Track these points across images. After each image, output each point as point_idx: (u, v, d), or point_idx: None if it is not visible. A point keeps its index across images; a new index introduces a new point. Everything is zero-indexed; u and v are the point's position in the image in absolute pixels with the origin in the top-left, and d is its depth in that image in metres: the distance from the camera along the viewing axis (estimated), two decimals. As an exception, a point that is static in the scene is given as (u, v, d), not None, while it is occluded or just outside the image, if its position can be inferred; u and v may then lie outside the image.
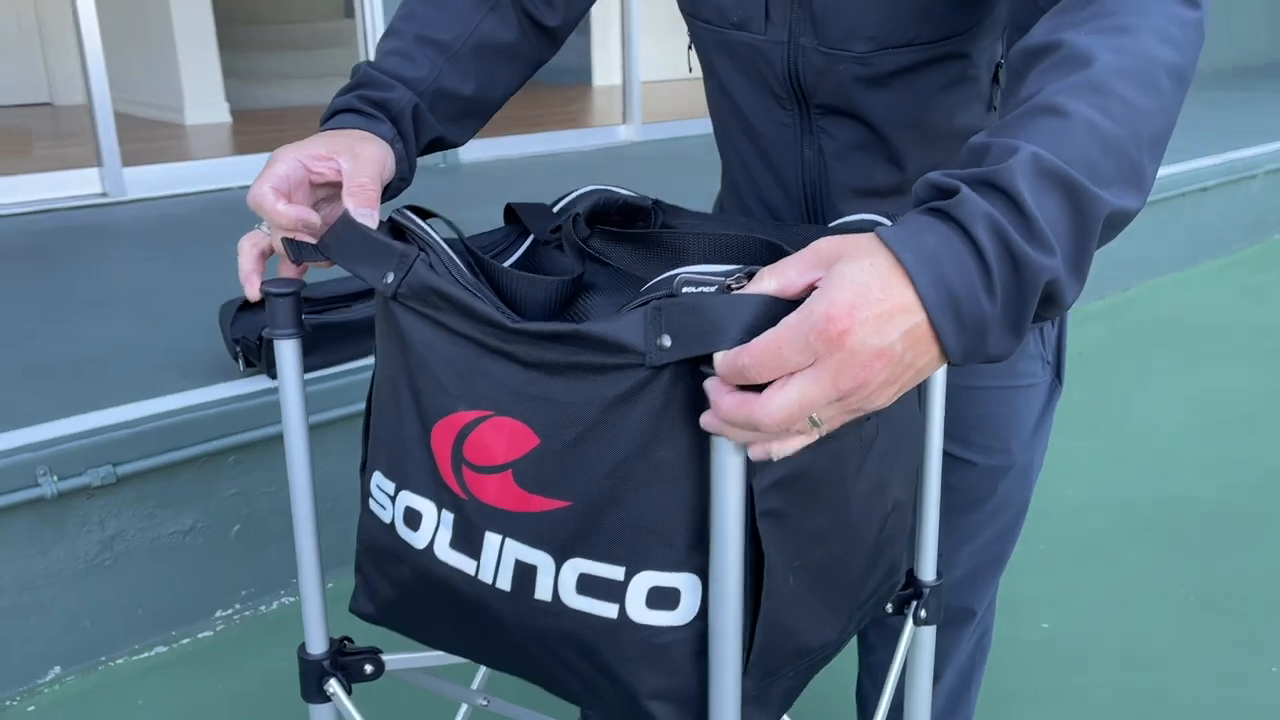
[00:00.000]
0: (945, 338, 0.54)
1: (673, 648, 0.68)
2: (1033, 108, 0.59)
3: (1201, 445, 2.60)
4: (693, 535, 0.67)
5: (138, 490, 1.80)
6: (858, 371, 0.53)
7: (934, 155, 0.93)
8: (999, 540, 1.13)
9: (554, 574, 0.70)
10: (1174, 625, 1.89)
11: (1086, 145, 0.57)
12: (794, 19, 0.88)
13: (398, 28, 0.91)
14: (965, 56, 0.88)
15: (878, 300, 0.53)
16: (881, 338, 0.53)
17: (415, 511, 0.76)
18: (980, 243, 0.54)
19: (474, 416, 0.71)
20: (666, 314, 0.61)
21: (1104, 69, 0.60)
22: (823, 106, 0.92)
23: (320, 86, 6.12)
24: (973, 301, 0.54)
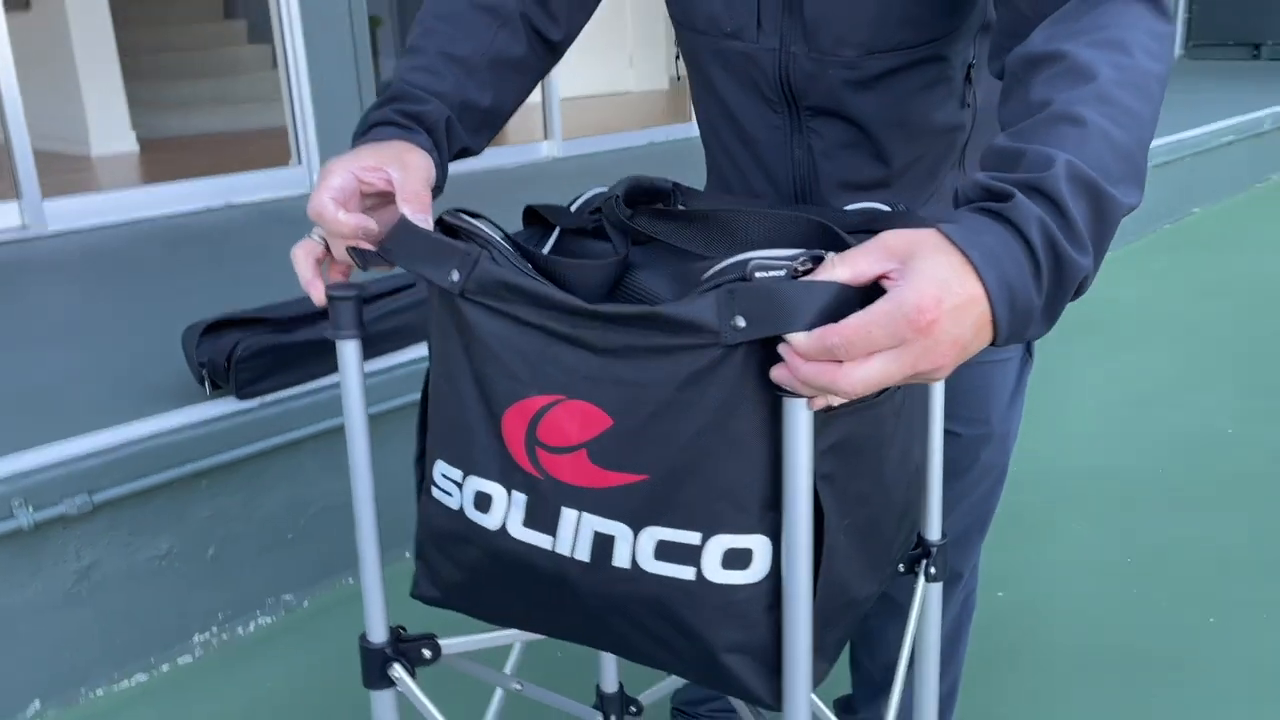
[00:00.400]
0: (1000, 324, 0.63)
1: (746, 604, 0.74)
2: (1053, 116, 0.68)
3: (1122, 420, 2.77)
4: (763, 499, 0.73)
5: (112, 518, 1.79)
6: (936, 357, 0.62)
7: (915, 150, 1.01)
8: (982, 504, 1.22)
9: (632, 542, 0.75)
10: (1119, 587, 2.02)
11: (1103, 151, 0.66)
12: (785, 28, 0.95)
13: (420, 45, 0.96)
14: (944, 59, 0.96)
15: (956, 294, 0.61)
16: (959, 327, 0.61)
17: (485, 495, 0.80)
18: (1033, 243, 0.63)
19: (546, 401, 0.76)
20: (740, 297, 0.67)
21: (1108, 81, 0.69)
22: (812, 108, 0.99)
23: (233, 113, 6.03)
24: (1025, 294, 0.63)
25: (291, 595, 2.05)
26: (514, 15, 0.98)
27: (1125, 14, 0.73)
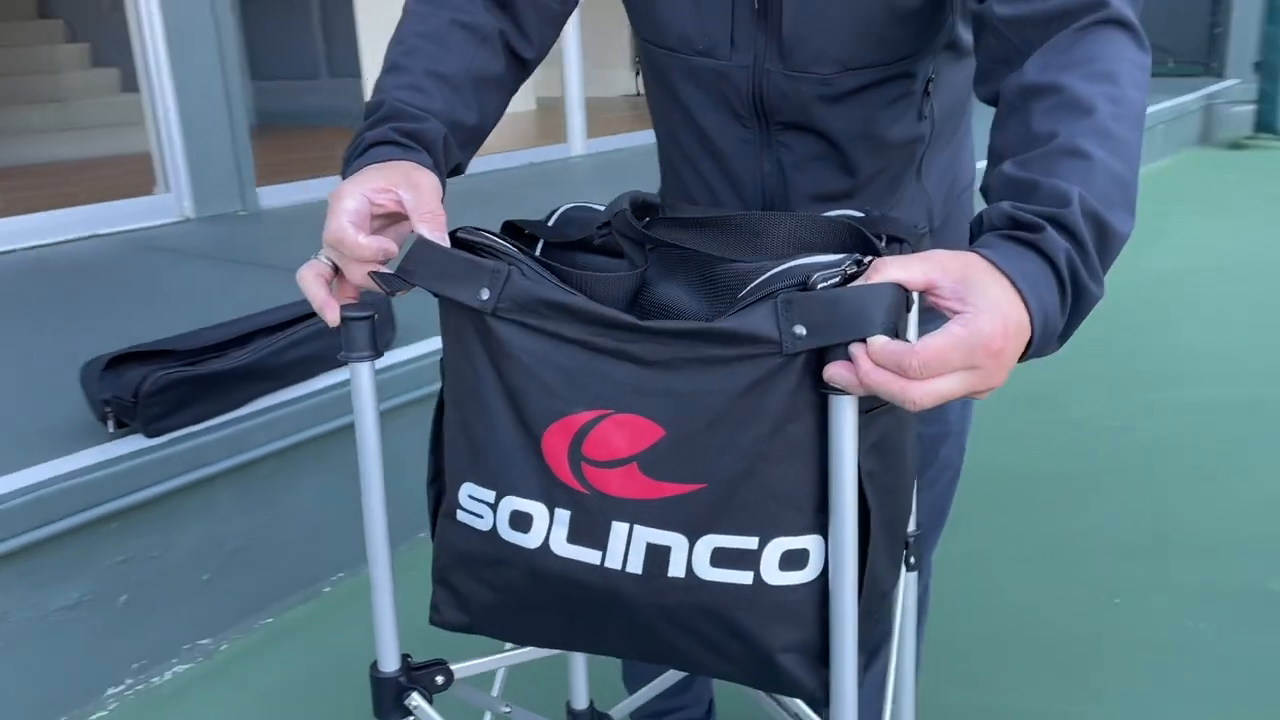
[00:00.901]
0: (1033, 345, 0.68)
1: (801, 603, 0.76)
2: (1059, 150, 0.73)
3: (1014, 419, 2.92)
4: (818, 499, 0.74)
5: (16, 568, 1.67)
6: (996, 379, 0.67)
7: (879, 162, 1.05)
8: (940, 500, 1.27)
9: (688, 551, 0.75)
10: (1036, 575, 2.12)
11: (1106, 183, 0.72)
12: (759, 46, 0.97)
13: (403, 63, 0.94)
14: (910, 76, 1.01)
15: (1015, 325, 0.66)
16: (1017, 350, 0.68)
17: (524, 514, 0.79)
18: (1062, 273, 0.69)
19: (591, 416, 0.75)
20: (799, 306, 0.68)
21: (1106, 115, 0.74)
22: (783, 123, 1.02)
23: (80, 139, 5.71)
24: (1054, 320, 0.69)
25: (210, 640, 1.96)
26: (493, 34, 0.98)
27: (1111, 45, 0.78)
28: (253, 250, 3.44)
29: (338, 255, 0.82)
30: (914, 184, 1.08)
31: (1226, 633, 1.87)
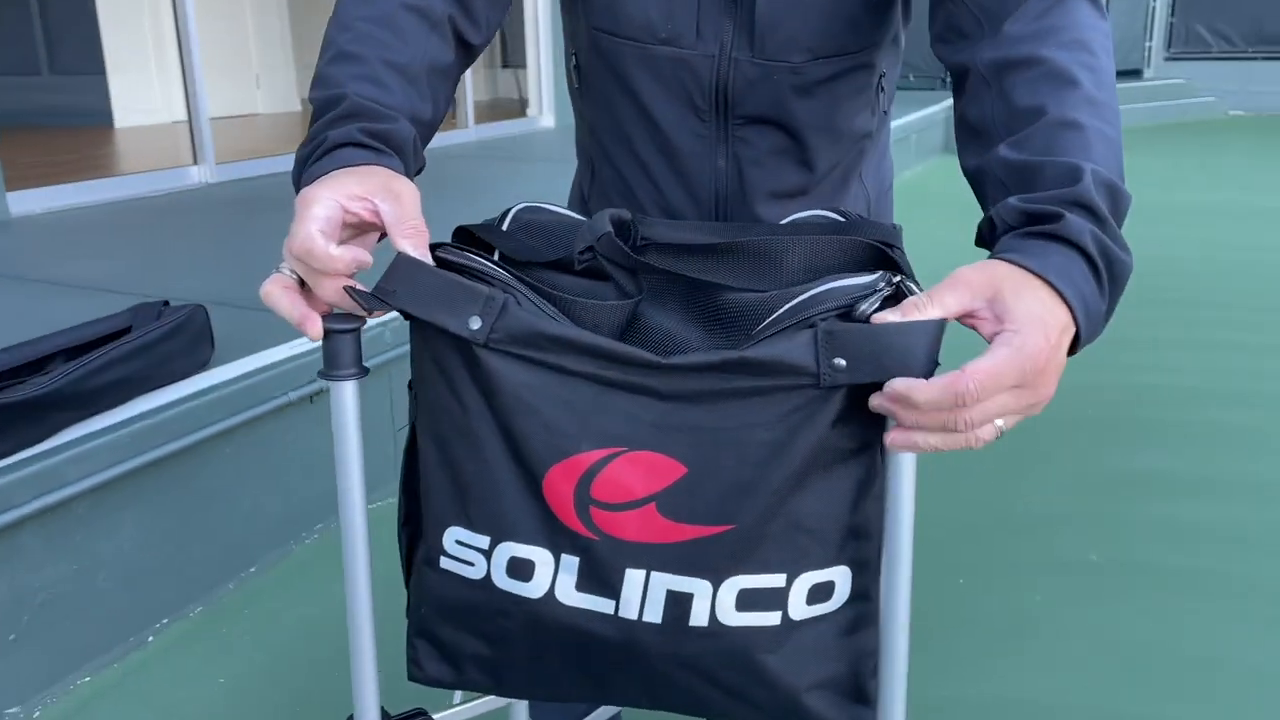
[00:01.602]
0: (1081, 335, 0.67)
1: (826, 635, 0.72)
2: (1052, 124, 0.73)
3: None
4: (845, 531, 0.71)
5: None
6: (1048, 389, 0.65)
7: (835, 156, 1.04)
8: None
9: (711, 598, 0.70)
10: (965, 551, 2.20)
11: (1105, 151, 0.72)
12: (727, 33, 0.94)
13: (354, 51, 0.84)
14: (871, 67, 1.00)
15: (1057, 329, 0.65)
16: (1062, 354, 0.66)
17: (525, 561, 0.72)
18: (1091, 255, 0.67)
19: (601, 455, 0.69)
20: (841, 338, 0.65)
21: (1090, 84, 0.75)
22: (744, 117, 0.99)
23: None
24: (1095, 303, 0.68)
25: (18, 708, 1.71)
26: (442, 19, 0.90)
27: (1077, 14, 0.79)
28: (7, 262, 3.06)
29: (304, 268, 0.71)
30: (858, 181, 1.08)
31: (1058, 603, 2.01)
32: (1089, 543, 2.24)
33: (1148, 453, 2.67)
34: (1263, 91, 10.16)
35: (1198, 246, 4.88)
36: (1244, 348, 3.46)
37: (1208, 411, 2.93)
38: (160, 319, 2.01)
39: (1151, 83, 10.17)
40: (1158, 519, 2.33)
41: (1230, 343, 3.51)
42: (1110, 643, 1.88)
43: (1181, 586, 2.06)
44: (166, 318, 2.02)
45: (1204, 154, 7.87)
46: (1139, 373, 3.25)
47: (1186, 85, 10.18)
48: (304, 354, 2.22)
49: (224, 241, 3.43)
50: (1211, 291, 4.14)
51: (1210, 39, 10.30)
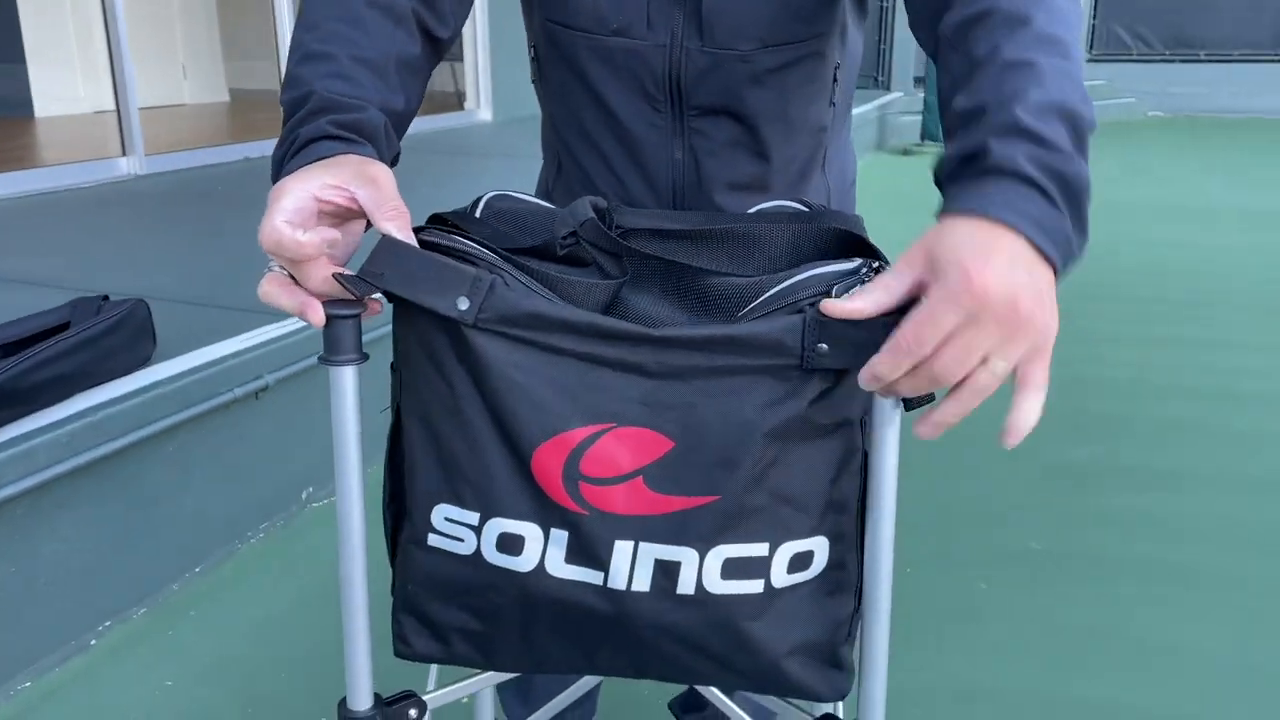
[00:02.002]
0: (1048, 253, 0.65)
1: (804, 600, 0.75)
2: (1003, 65, 0.71)
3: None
4: (825, 504, 0.73)
5: None
6: (1009, 308, 0.62)
7: (792, 148, 1.05)
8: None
9: (698, 566, 0.72)
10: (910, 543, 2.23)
11: (1060, 82, 0.70)
12: (677, 23, 0.95)
13: (326, 50, 0.84)
14: (823, 55, 1.01)
15: (991, 250, 0.63)
16: (1014, 273, 0.63)
17: (515, 536, 0.73)
18: (1031, 176, 0.65)
19: (591, 431, 0.70)
20: (829, 325, 0.67)
21: (1042, 22, 0.73)
22: (698, 108, 1.00)
23: None
24: (1051, 221, 0.65)
25: (-45, 716, 1.65)
26: (408, 14, 0.90)
27: None
28: (-66, 256, 2.95)
29: (286, 261, 0.71)
30: (819, 174, 1.09)
31: (1003, 591, 2.07)
32: (1030, 533, 2.29)
33: (1086, 445, 2.75)
34: (1179, 93, 10.49)
35: (1128, 243, 5.03)
36: (1178, 341, 3.57)
37: (1144, 404, 3.02)
38: (100, 314, 1.96)
39: (1075, 84, 10.45)
40: (1096, 509, 2.40)
41: (1165, 337, 3.63)
42: (1055, 628, 1.93)
43: (1121, 574, 2.12)
44: (107, 313, 1.96)
45: (1126, 153, 8.11)
46: (1076, 365, 3.34)
47: (1108, 86, 10.47)
48: (249, 349, 2.18)
49: (158, 235, 3.34)
50: (1144, 286, 4.27)
51: (1130, 42, 10.61)
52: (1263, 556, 2.18)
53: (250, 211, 3.69)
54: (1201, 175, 6.98)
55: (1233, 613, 1.98)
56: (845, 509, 0.75)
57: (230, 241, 3.26)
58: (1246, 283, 4.28)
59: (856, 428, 0.74)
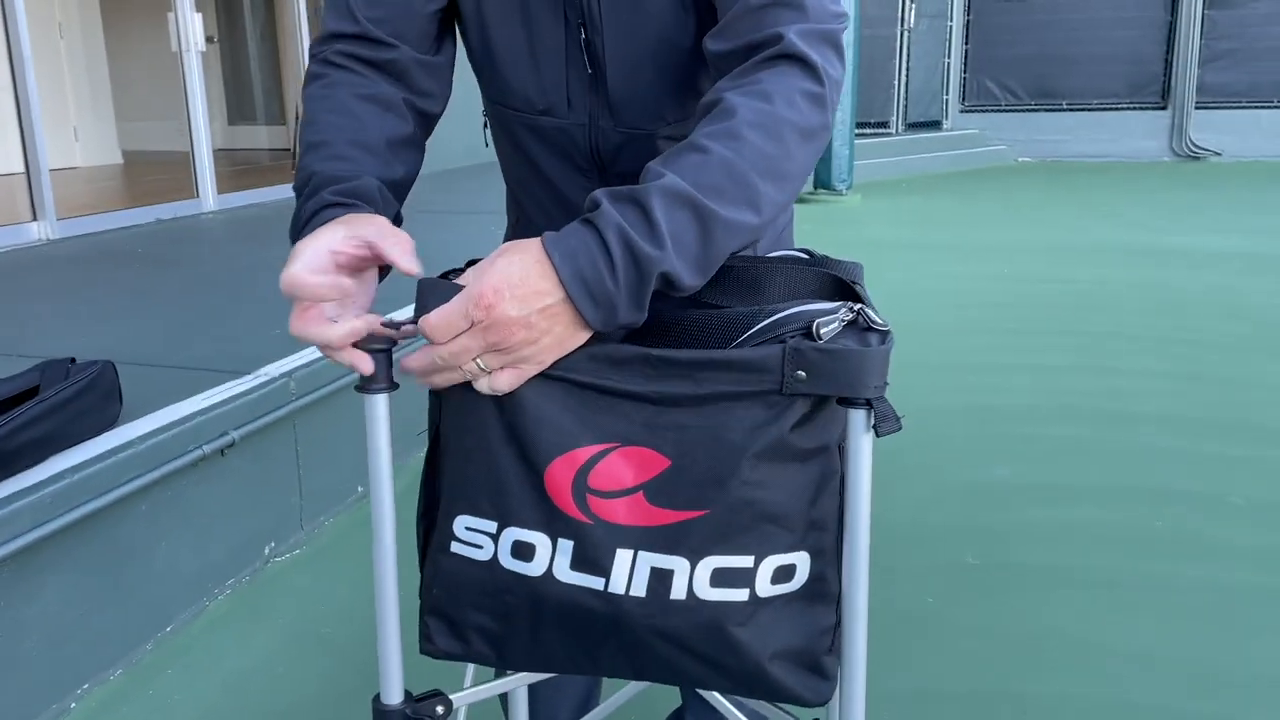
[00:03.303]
0: (583, 309, 0.75)
1: (786, 610, 0.83)
2: (684, 146, 0.81)
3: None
4: (806, 521, 0.82)
5: None
6: (500, 332, 0.75)
7: None
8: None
9: (689, 574, 0.80)
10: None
11: (718, 175, 0.79)
12: (592, 105, 1.06)
13: (319, 139, 0.97)
14: None
15: (519, 284, 0.74)
16: (521, 310, 0.74)
17: (526, 544, 0.82)
18: (608, 242, 0.75)
19: (598, 450, 0.80)
20: (805, 356, 0.77)
21: (741, 121, 0.81)
22: (619, 175, 1.10)
23: None
24: (599, 284, 0.75)
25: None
26: (396, 101, 1.02)
27: (778, 75, 0.86)
28: None
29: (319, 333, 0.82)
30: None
31: (947, 603, 2.22)
32: (964, 548, 2.46)
33: (999, 465, 2.95)
34: (1046, 140, 11.18)
35: (1012, 281, 5.36)
36: (1061, 368, 3.84)
37: (1042, 426, 3.26)
38: (70, 376, 1.97)
39: (949, 133, 11.02)
40: (1018, 524, 2.59)
41: (1050, 364, 3.90)
42: (1000, 634, 2.09)
43: (1052, 581, 2.30)
44: (76, 375, 1.98)
45: (1005, 196, 8.60)
46: (980, 394, 3.57)
47: (980, 135, 11.09)
48: (214, 406, 2.21)
49: (93, 298, 3.31)
50: (1031, 319, 4.56)
51: (999, 93, 11.28)
52: (1167, 559, 2.39)
53: (179, 272, 3.68)
54: (1077, 215, 7.46)
55: (1152, 610, 2.17)
56: (825, 527, 0.83)
57: (169, 302, 3.25)
58: (1128, 314, 4.62)
59: (834, 452, 0.82)
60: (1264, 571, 2.32)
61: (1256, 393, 3.52)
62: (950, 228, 7.03)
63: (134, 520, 2.01)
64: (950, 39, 11.15)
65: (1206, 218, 7.22)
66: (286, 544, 2.46)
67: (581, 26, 1.01)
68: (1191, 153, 10.77)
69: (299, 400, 2.44)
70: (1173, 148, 10.88)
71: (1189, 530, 2.52)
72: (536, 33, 1.03)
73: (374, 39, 1.02)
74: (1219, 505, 2.66)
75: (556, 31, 1.03)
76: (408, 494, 0.85)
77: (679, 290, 0.78)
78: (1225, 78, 10.58)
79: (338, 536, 2.57)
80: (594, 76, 1.03)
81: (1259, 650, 2.01)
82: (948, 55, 11.19)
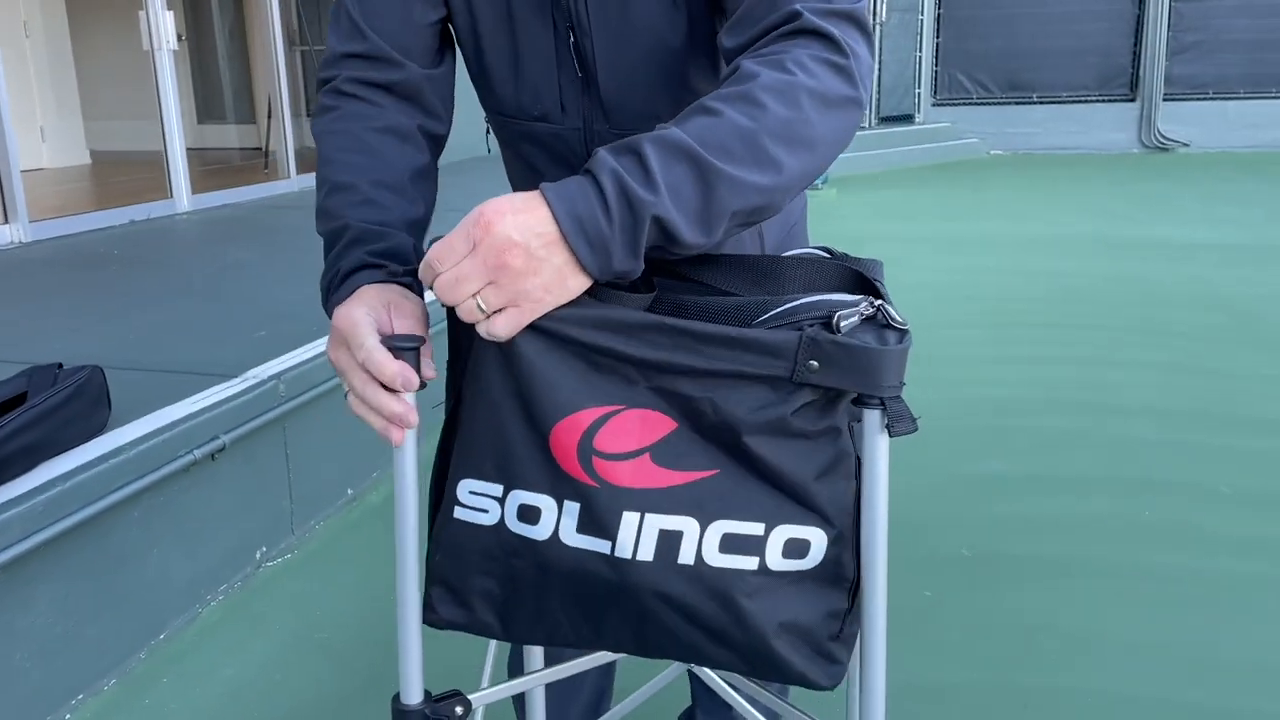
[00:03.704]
0: (577, 249, 0.74)
1: (797, 587, 0.82)
2: (695, 108, 0.79)
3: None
4: (818, 492, 0.80)
5: None
6: (498, 254, 0.73)
7: None
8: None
9: (698, 537, 0.79)
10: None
11: (725, 135, 0.77)
12: (586, 109, 1.05)
13: (345, 181, 0.96)
14: None
15: (520, 210, 0.74)
16: (519, 234, 0.73)
17: (532, 507, 0.81)
18: (603, 185, 0.74)
19: (603, 412, 0.78)
20: (821, 345, 0.76)
21: (756, 86, 0.80)
22: None
23: None
24: (594, 224, 0.74)
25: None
26: (411, 130, 1.02)
27: (799, 46, 0.84)
28: None
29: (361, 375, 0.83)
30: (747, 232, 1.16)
31: (945, 595, 2.23)
32: (959, 540, 2.47)
33: (989, 458, 2.97)
34: (1017, 133, 11.26)
35: (996, 272, 5.39)
36: (1045, 360, 3.87)
37: (1030, 418, 3.28)
38: (58, 382, 1.93)
39: (922, 126, 11.07)
40: (1010, 515, 2.60)
41: (1034, 356, 3.92)
42: (996, 626, 2.10)
43: (1046, 573, 2.32)
44: (64, 381, 1.94)
45: (979, 189, 8.66)
46: (966, 386, 3.59)
47: (952, 128, 11.15)
48: (202, 411, 2.18)
49: (72, 301, 3.26)
50: (1012, 312, 4.59)
51: (971, 87, 11.35)
52: (1158, 549, 2.41)
53: (158, 274, 3.63)
54: (1051, 208, 7.52)
55: (1146, 601, 2.19)
56: (841, 507, 0.81)
57: (150, 305, 3.20)
58: (1107, 305, 4.66)
59: (845, 434, 0.81)
60: (1254, 560, 2.34)
61: (1237, 383, 3.56)
62: (927, 221, 7.07)
63: (125, 527, 1.98)
64: (922, 33, 11.20)
65: (1178, 209, 7.30)
66: (277, 548, 2.43)
67: (570, 30, 1.00)
68: (1160, 144, 10.89)
69: (289, 403, 2.41)
70: (1141, 139, 10.99)
71: (1178, 520, 2.55)
72: (526, 39, 1.03)
73: (383, 58, 1.01)
74: (1207, 495, 2.69)
75: (546, 36, 1.02)
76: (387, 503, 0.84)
77: (680, 245, 0.76)
78: (1192, 70, 10.70)
79: (329, 540, 2.54)
80: (585, 80, 1.02)
81: (1253, 638, 2.03)
82: (919, 49, 11.23)
